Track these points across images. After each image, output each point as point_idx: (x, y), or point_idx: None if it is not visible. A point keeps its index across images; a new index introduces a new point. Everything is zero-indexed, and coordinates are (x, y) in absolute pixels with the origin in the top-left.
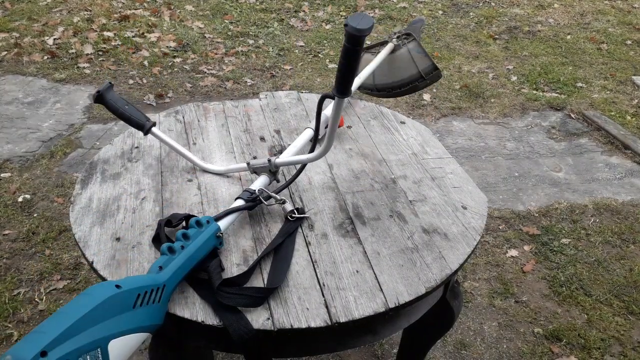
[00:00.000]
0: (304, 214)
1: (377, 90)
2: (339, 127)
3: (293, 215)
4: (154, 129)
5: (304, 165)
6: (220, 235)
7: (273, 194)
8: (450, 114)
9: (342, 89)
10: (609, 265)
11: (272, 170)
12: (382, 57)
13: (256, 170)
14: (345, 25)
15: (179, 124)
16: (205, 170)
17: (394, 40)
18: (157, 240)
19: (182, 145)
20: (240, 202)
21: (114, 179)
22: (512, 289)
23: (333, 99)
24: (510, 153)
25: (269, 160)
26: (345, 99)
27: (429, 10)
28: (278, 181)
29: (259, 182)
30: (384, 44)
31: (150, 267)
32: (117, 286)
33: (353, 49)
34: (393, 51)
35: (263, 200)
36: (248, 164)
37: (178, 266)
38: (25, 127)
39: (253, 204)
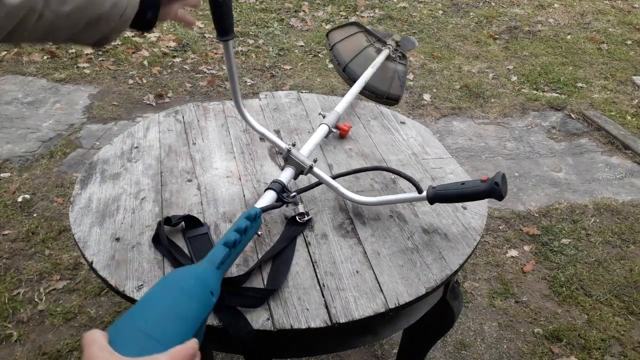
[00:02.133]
0: (309, 216)
1: (344, 70)
2: (344, 135)
3: (302, 217)
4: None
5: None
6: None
7: (298, 201)
8: (450, 114)
9: None
10: (609, 265)
11: (303, 173)
12: (379, 62)
13: (287, 159)
14: (496, 184)
15: (179, 124)
16: (244, 119)
17: (391, 49)
18: (157, 240)
19: (181, 145)
20: (271, 193)
21: (113, 179)
22: (512, 289)
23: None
24: (511, 153)
25: (311, 167)
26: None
27: (429, 10)
28: (296, 179)
29: (287, 176)
30: (382, 42)
31: (212, 258)
32: (212, 293)
33: (486, 196)
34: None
35: (287, 202)
36: (289, 150)
37: (231, 262)
38: (25, 127)
39: (282, 203)
